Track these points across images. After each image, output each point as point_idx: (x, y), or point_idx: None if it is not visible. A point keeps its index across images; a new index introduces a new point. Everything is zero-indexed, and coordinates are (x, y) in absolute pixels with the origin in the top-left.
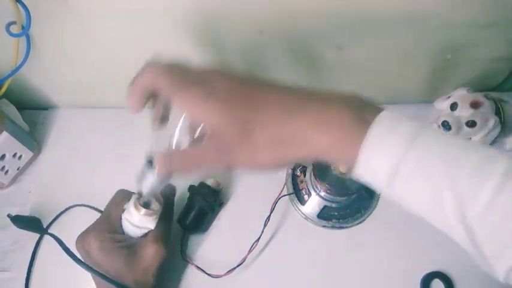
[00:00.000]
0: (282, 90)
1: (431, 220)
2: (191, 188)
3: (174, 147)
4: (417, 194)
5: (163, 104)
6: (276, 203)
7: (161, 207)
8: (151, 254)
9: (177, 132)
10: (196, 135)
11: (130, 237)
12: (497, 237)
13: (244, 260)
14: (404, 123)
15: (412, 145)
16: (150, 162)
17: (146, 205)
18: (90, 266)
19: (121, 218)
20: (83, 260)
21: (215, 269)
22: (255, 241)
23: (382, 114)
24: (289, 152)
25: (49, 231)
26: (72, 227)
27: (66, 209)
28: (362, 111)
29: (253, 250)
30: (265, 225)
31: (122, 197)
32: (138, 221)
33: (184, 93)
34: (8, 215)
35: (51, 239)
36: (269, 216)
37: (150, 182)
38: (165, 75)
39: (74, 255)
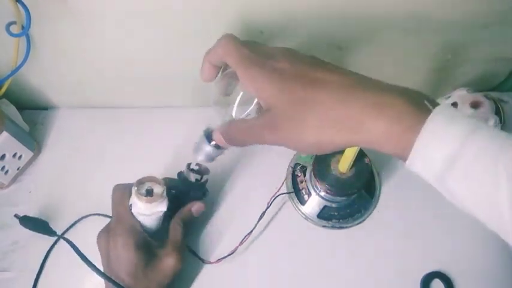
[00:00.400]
0: (340, 73)
1: (482, 217)
2: (179, 175)
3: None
4: (473, 186)
5: (228, 78)
6: (273, 200)
7: (164, 188)
8: (171, 264)
9: (235, 107)
10: (250, 109)
11: (151, 229)
12: None
13: (235, 250)
14: (462, 115)
15: (473, 135)
16: (206, 133)
17: (148, 192)
18: (104, 270)
19: (132, 214)
20: (95, 265)
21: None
22: (247, 234)
23: (441, 105)
24: (337, 136)
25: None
26: (78, 231)
27: (83, 218)
28: (421, 101)
29: (254, 250)
30: (259, 219)
31: (122, 193)
32: (148, 210)
33: (248, 71)
34: (16, 215)
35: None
36: (264, 212)
37: (205, 152)
38: (234, 51)
39: (89, 260)
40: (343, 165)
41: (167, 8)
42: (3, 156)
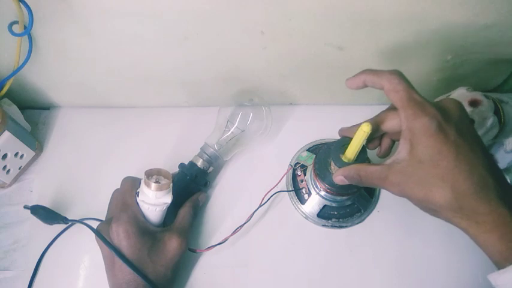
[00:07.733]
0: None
1: None
2: (181, 166)
3: None
4: None
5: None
6: (271, 196)
7: (170, 182)
8: (174, 247)
9: None
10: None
11: (152, 223)
12: None
13: (225, 240)
14: None
15: None
16: None
17: (157, 182)
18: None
19: (137, 203)
20: (114, 246)
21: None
22: (239, 226)
23: None
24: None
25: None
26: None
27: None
28: None
29: (253, 249)
30: (254, 212)
31: (131, 183)
32: (153, 199)
33: (415, 118)
34: (25, 206)
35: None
36: (259, 206)
37: None
38: (403, 91)
39: (108, 241)
40: None
41: (168, 9)
42: (5, 155)
